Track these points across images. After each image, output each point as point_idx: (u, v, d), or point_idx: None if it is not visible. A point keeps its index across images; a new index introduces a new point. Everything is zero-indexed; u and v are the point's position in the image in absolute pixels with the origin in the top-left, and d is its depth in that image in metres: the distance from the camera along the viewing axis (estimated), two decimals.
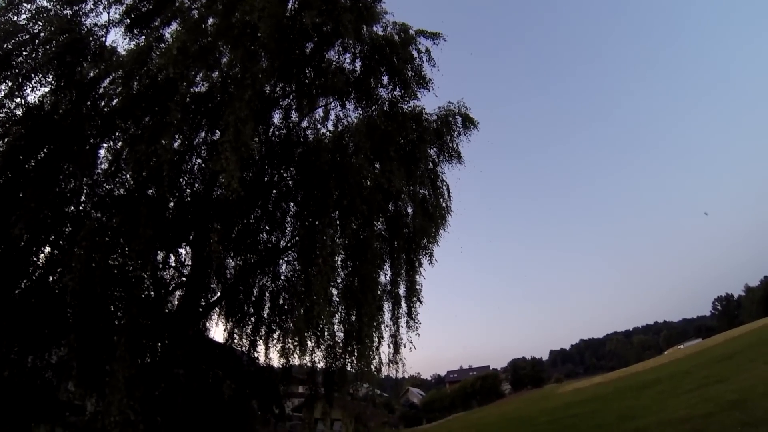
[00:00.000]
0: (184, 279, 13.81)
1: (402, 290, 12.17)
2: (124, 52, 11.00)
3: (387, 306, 12.44)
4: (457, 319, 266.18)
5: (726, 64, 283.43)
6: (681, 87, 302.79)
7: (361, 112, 12.66)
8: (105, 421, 8.29)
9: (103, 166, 11.18)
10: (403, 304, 12.32)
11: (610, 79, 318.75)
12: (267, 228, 14.24)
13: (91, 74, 10.38)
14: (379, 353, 11.94)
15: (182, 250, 14.05)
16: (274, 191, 13.95)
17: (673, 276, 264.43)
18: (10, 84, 10.08)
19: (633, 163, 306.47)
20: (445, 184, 13.66)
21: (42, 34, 10.31)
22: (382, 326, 12.18)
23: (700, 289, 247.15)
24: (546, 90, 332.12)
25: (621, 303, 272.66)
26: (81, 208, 10.95)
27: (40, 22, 10.45)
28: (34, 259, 10.63)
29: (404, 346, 12.39)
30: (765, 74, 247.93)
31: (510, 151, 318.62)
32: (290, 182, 13.63)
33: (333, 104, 13.36)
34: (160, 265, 12.88)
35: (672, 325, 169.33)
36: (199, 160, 13.32)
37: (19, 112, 10.35)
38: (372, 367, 11.20)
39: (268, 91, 12.35)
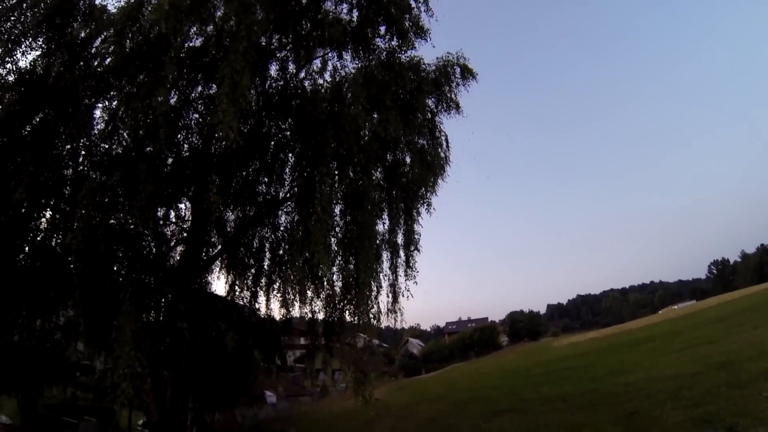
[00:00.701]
0: (184, 234, 13.94)
1: (400, 239, 12.24)
2: (114, 10, 10.69)
3: (385, 255, 12.58)
4: (457, 270, 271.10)
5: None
6: (692, 21, 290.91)
7: (358, 63, 12.48)
8: (114, 375, 8.58)
9: (99, 126, 11.07)
10: (402, 254, 12.41)
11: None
12: (266, 180, 14.26)
13: (82, 34, 10.21)
14: (378, 302, 12.13)
15: (182, 205, 14.15)
16: (272, 143, 13.89)
17: (672, 237, 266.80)
18: (0, 50, 9.89)
19: (635, 115, 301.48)
20: (443, 134, 13.57)
21: None
22: (381, 275, 12.35)
23: (697, 252, 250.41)
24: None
25: (619, 261, 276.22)
26: (80, 169, 10.91)
27: None
28: (36, 223, 10.72)
29: (402, 295, 12.56)
30: None
31: (511, 90, 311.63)
32: (288, 133, 13.56)
33: (330, 55, 13.13)
34: (161, 221, 12.98)
35: (667, 285, 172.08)
36: (196, 115, 13.20)
37: (11, 78, 10.21)
38: (370, 315, 11.37)
39: (264, 43, 12.14)
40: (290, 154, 13.67)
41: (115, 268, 10.46)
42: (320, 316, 14.30)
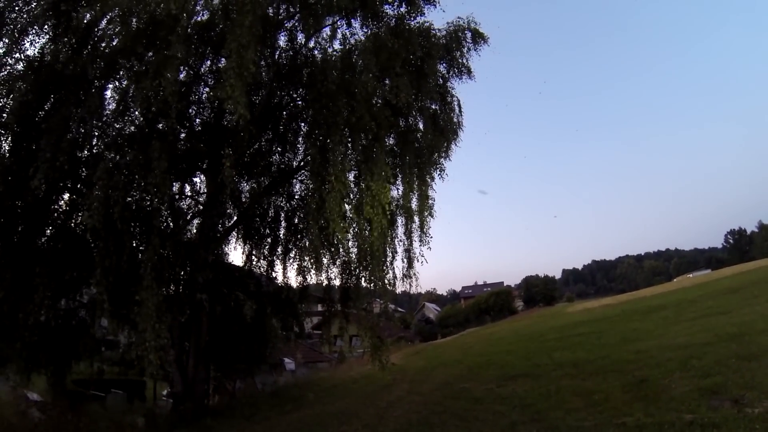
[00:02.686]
0: (200, 207, 14.19)
1: (414, 205, 12.30)
2: None
3: (400, 221, 12.70)
4: (473, 233, 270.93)
5: None
6: None
7: (367, 30, 12.35)
8: (140, 348, 8.98)
9: (110, 106, 11.18)
10: (416, 219, 12.48)
11: None
12: (279, 149, 14.39)
13: (88, 17, 10.13)
14: (393, 268, 12.36)
15: (197, 179, 14.34)
16: (284, 112, 13.95)
17: (689, 205, 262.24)
18: (7, 41, 10.01)
19: (656, 79, 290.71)
20: (455, 99, 13.47)
21: None
22: (396, 241, 12.55)
23: (714, 220, 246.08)
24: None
25: (635, 227, 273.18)
26: (94, 150, 11.09)
27: None
28: (55, 206, 10.99)
29: (417, 260, 12.71)
30: None
31: (529, 53, 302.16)
32: (300, 102, 13.59)
33: (339, 23, 13.01)
34: (176, 196, 13.20)
35: (683, 253, 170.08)
36: (207, 89, 13.17)
37: (20, 67, 10.28)
38: (386, 281, 11.57)
39: (272, 14, 12.01)
40: (302, 123, 13.70)
41: (134, 244, 10.72)
42: (336, 282, 14.60)
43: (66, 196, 11.18)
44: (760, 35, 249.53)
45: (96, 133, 11.02)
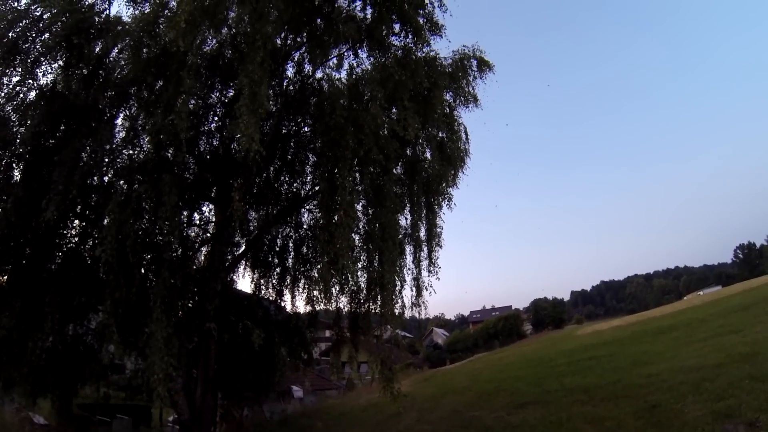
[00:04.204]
0: (208, 235, 14.33)
1: (422, 234, 12.34)
2: (129, 19, 10.96)
3: (408, 249, 12.66)
4: (480, 258, 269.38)
5: None
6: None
7: (374, 60, 12.57)
8: (150, 380, 9.00)
9: (120, 134, 11.41)
10: (424, 248, 12.53)
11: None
12: (287, 179, 14.54)
13: (99, 47, 10.43)
14: (402, 297, 12.25)
15: (205, 208, 14.52)
16: (293, 142, 14.11)
17: (697, 221, 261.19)
18: (21, 70, 10.21)
19: (661, 99, 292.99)
20: (462, 127, 13.61)
21: (45, 17, 10.31)
22: (404, 270, 12.46)
23: (723, 236, 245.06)
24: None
25: (643, 246, 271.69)
26: (105, 179, 11.29)
27: (41, 4, 10.41)
28: (65, 231, 11.11)
29: (426, 290, 12.70)
30: None
31: (533, 82, 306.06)
32: (308, 132, 13.76)
33: (346, 54, 13.21)
34: (185, 225, 13.36)
35: (692, 270, 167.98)
36: (216, 118, 13.43)
37: (32, 95, 10.50)
38: (395, 310, 11.48)
39: (279, 44, 12.24)
40: (310, 154, 13.89)
41: (143, 272, 10.83)
42: (345, 308, 14.57)
43: (76, 222, 11.33)
44: (759, 49, 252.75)
45: (106, 160, 11.17)
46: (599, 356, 20.40)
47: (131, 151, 11.42)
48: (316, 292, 13.64)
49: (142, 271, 10.54)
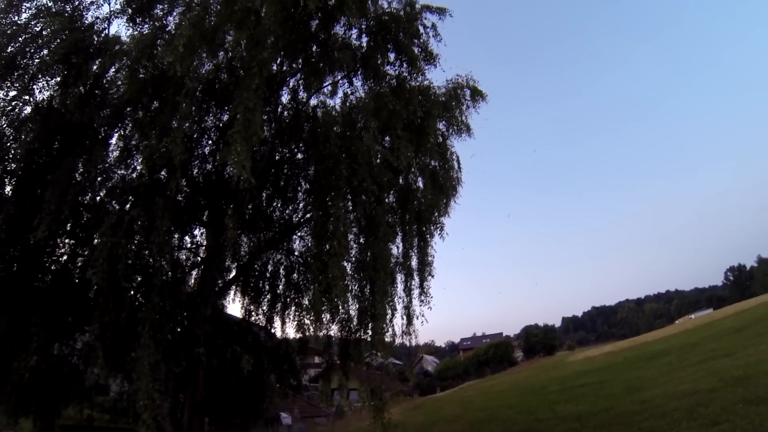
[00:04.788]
0: (199, 259, 14.19)
1: (414, 263, 12.29)
2: (127, 39, 11.04)
3: (400, 278, 12.57)
4: (471, 285, 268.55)
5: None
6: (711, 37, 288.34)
7: (368, 88, 12.61)
8: (135, 405, 8.77)
9: (114, 153, 11.34)
10: (416, 277, 12.44)
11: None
12: (279, 205, 14.43)
13: (97, 65, 10.44)
14: (393, 325, 12.16)
15: (197, 231, 14.40)
16: (285, 168, 14.07)
17: (686, 245, 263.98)
18: (18, 86, 10.18)
19: (649, 122, 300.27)
20: (454, 156, 13.66)
21: (45, 33, 10.34)
22: (395, 298, 12.36)
23: (713, 258, 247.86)
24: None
25: (633, 271, 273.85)
26: (97, 198, 11.16)
27: (41, 20, 10.48)
28: (54, 251, 10.91)
29: (417, 319, 12.57)
30: None
31: (524, 109, 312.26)
32: (300, 159, 13.74)
33: (341, 81, 13.30)
34: (176, 248, 13.25)
35: (684, 294, 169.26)
36: (210, 142, 13.44)
37: (28, 110, 10.47)
38: (386, 339, 11.38)
39: (275, 70, 12.32)
40: (303, 181, 13.85)
41: (132, 293, 10.67)
42: (336, 334, 14.43)
43: (66, 240, 11.14)
44: (747, 71, 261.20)
45: (99, 179, 11.06)
46: (591, 383, 20.31)
47: (124, 171, 11.36)
48: (306, 320, 13.51)
49: (132, 291, 10.37)
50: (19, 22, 10.48)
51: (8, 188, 10.40)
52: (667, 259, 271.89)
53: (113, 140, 11.38)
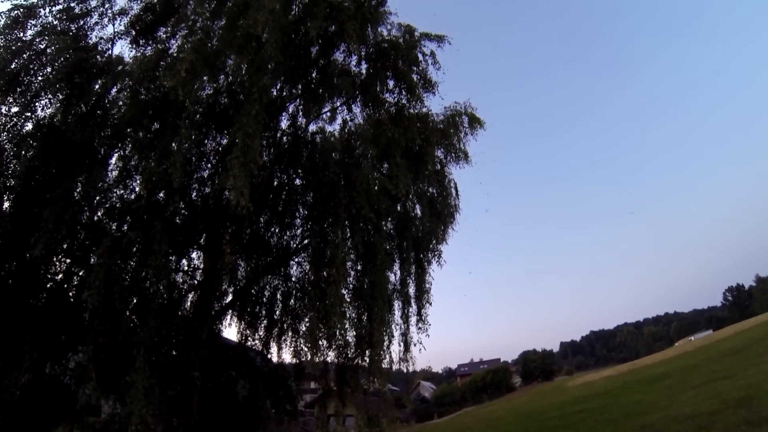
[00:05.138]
0: (196, 282, 14.10)
1: (412, 290, 12.35)
2: (130, 60, 11.22)
3: (397, 305, 12.60)
4: (468, 310, 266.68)
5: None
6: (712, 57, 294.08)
7: (367, 116, 12.74)
8: (128, 429, 8.61)
9: (113, 173, 11.43)
10: (413, 304, 12.49)
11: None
12: (277, 230, 14.45)
13: (99, 85, 10.63)
14: (390, 352, 12.13)
15: (194, 254, 14.34)
16: (284, 193, 14.11)
17: (684, 266, 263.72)
18: (20, 103, 10.26)
19: (638, 149, 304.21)
20: (452, 183, 13.76)
21: (49, 51, 10.47)
22: (393, 325, 12.34)
23: (711, 279, 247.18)
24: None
25: (632, 294, 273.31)
26: (95, 217, 11.21)
27: (46, 38, 10.62)
28: (50, 268, 10.83)
29: (414, 345, 12.59)
30: None
31: (519, 138, 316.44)
32: (299, 185, 13.80)
33: (340, 108, 13.44)
34: (173, 270, 13.18)
35: (683, 315, 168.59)
36: (209, 165, 13.51)
37: (29, 126, 10.54)
38: (383, 366, 11.34)
39: (275, 95, 12.46)
40: (301, 206, 13.93)
41: (128, 314, 10.56)
42: (332, 358, 14.29)
43: (62, 258, 11.07)
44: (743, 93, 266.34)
45: (98, 198, 11.10)
46: (591, 408, 20.03)
47: (122, 192, 11.42)
48: (303, 346, 13.37)
49: (127, 312, 10.28)
50: (24, 38, 10.62)
51: (6, 204, 10.40)
52: (665, 281, 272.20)
53: (113, 160, 11.49)
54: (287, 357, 14.81)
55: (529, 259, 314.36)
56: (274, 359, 15.20)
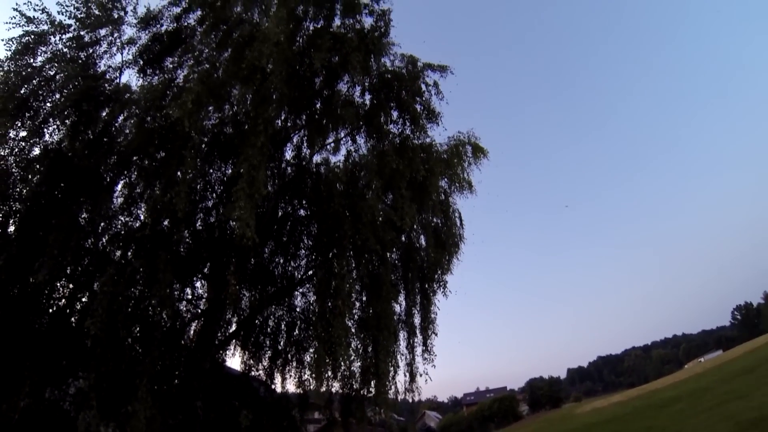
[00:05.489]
0: (200, 311, 14.04)
1: (417, 321, 12.30)
2: (137, 89, 11.42)
3: (402, 335, 12.53)
4: (474, 339, 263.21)
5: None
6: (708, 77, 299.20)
7: (371, 147, 12.80)
8: None
9: (119, 200, 11.49)
10: (419, 334, 12.44)
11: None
12: (281, 260, 14.42)
13: (106, 113, 10.74)
14: (395, 382, 12.00)
15: (198, 283, 14.32)
16: (288, 224, 14.14)
17: (691, 287, 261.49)
18: (28, 128, 10.39)
19: (638, 172, 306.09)
20: (457, 213, 13.81)
21: (58, 77, 10.65)
22: (398, 355, 12.25)
23: (719, 298, 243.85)
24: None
25: (639, 317, 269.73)
26: (99, 243, 11.21)
27: (56, 65, 10.79)
28: (53, 293, 10.80)
29: (420, 376, 12.47)
30: None
31: (523, 161, 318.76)
32: (303, 216, 13.84)
33: (344, 139, 13.53)
34: (177, 299, 13.14)
35: (691, 337, 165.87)
36: (214, 195, 13.60)
37: (37, 151, 10.63)
38: (389, 396, 11.27)
39: (279, 125, 12.56)
40: (305, 237, 13.94)
41: (130, 342, 10.49)
42: (337, 388, 14.11)
43: (66, 283, 11.02)
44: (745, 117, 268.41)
45: (102, 224, 11.13)
46: None
47: (127, 219, 11.45)
48: (307, 376, 13.27)
49: (130, 340, 10.21)
50: (33, 65, 10.77)
51: (12, 228, 10.43)
52: (672, 303, 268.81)
53: (118, 187, 11.54)
54: (291, 387, 14.65)
55: (532, 285, 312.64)
56: (278, 389, 15.03)
